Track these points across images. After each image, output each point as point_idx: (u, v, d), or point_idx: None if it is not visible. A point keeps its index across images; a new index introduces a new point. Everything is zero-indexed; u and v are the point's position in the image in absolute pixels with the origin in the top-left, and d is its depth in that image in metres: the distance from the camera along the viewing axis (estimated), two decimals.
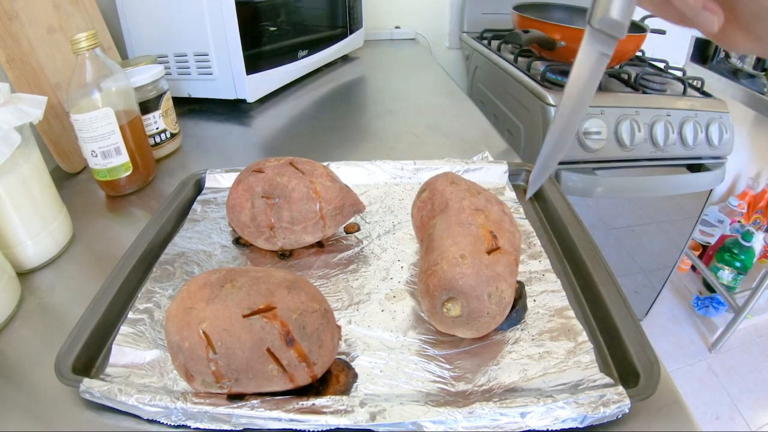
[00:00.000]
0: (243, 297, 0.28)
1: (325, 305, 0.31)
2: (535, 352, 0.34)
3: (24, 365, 0.35)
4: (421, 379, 0.32)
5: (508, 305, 0.33)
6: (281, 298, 0.28)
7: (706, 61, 1.53)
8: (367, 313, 0.38)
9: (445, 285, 0.32)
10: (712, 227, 1.66)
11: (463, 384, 0.32)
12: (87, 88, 0.51)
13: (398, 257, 0.44)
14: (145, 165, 0.58)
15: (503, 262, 0.33)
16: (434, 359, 0.34)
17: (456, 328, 0.33)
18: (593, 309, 0.38)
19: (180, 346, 0.28)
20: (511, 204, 0.51)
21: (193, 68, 0.79)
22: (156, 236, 0.46)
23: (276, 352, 0.27)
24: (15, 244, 0.43)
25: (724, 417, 1.31)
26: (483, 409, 0.28)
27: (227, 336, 0.27)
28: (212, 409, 0.28)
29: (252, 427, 0.28)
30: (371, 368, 0.33)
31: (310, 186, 0.41)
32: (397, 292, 0.40)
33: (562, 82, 0.93)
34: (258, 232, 0.42)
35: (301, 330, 0.28)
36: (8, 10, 0.55)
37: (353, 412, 0.28)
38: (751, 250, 1.50)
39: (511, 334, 0.36)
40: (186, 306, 0.28)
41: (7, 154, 0.39)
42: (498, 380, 0.32)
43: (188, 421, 0.29)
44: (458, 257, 0.32)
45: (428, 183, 0.41)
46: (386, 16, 1.36)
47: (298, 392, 0.30)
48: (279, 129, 0.77)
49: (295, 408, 0.28)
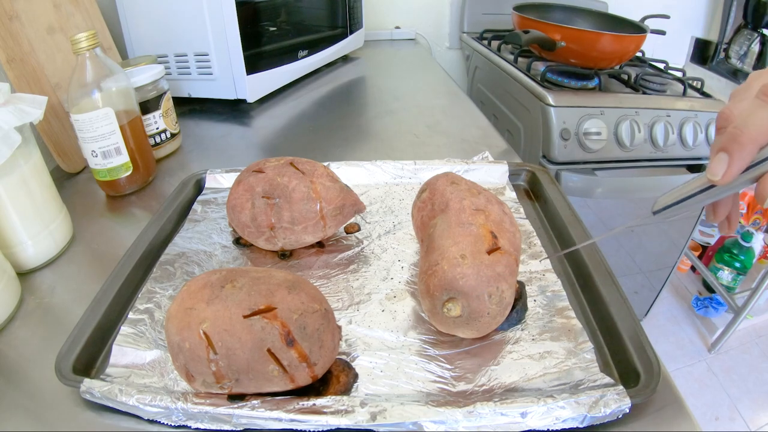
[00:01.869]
0: (243, 297, 0.28)
1: (325, 305, 0.31)
2: (535, 351, 0.34)
3: (24, 365, 0.35)
4: (421, 379, 0.32)
5: (509, 305, 0.33)
6: (282, 298, 0.28)
7: (706, 62, 1.54)
8: (368, 313, 0.38)
9: (446, 285, 0.32)
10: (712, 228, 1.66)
11: (463, 384, 0.32)
12: (87, 88, 0.51)
13: (398, 257, 0.44)
14: (145, 165, 0.58)
15: (504, 262, 0.33)
16: (435, 359, 0.34)
17: (456, 328, 0.33)
18: (593, 309, 0.38)
19: (180, 347, 0.28)
20: (511, 204, 0.51)
21: (193, 68, 0.79)
22: (156, 236, 0.46)
23: (277, 353, 0.27)
24: (15, 244, 0.43)
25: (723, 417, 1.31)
26: (483, 409, 0.28)
27: (228, 336, 0.27)
28: (213, 409, 0.28)
29: (252, 427, 0.28)
30: (372, 368, 0.33)
31: (311, 186, 0.41)
32: (397, 292, 0.40)
33: (561, 83, 0.93)
34: (258, 233, 0.42)
35: (301, 330, 0.28)
36: (8, 10, 0.55)
37: (354, 412, 0.28)
38: (750, 251, 1.50)
39: (511, 334, 0.35)
40: (186, 306, 0.28)
41: (8, 154, 0.39)
42: (499, 380, 0.32)
43: (189, 421, 0.29)
44: (458, 257, 0.32)
45: (428, 183, 0.41)
46: (386, 16, 1.36)
47: (299, 392, 0.30)
48: (279, 129, 0.77)
49: (295, 408, 0.28)
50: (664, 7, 1.12)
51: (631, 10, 1.11)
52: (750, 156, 0.25)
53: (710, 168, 0.26)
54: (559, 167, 0.90)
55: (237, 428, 0.28)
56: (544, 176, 0.54)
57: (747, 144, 0.25)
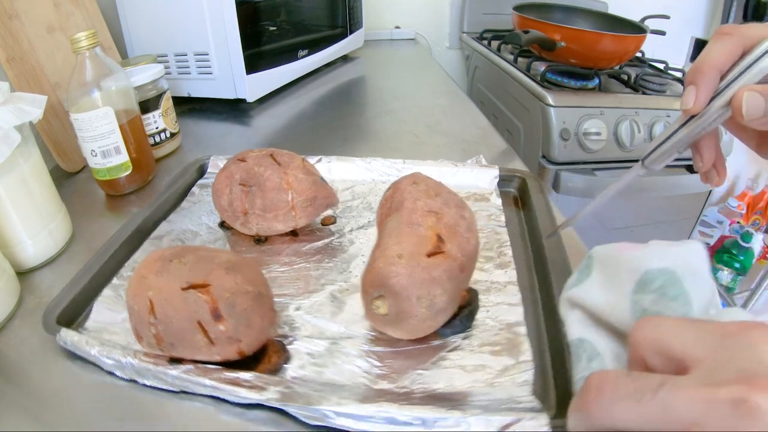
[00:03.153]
0: (185, 272, 0.31)
1: (260, 289, 0.32)
2: (469, 363, 0.33)
3: (23, 365, 0.35)
4: (347, 372, 0.33)
5: (442, 311, 0.32)
6: (217, 276, 0.31)
7: None
8: (317, 302, 0.39)
9: (377, 282, 0.32)
10: (712, 228, 1.67)
11: (386, 383, 0.32)
12: (87, 87, 0.51)
13: (363, 252, 0.44)
14: (145, 164, 0.58)
15: (443, 267, 0.32)
16: (367, 355, 0.34)
17: (386, 326, 0.33)
18: (549, 328, 0.35)
19: (132, 309, 0.31)
20: (494, 211, 0.49)
21: (193, 68, 0.79)
22: (153, 214, 0.48)
23: (205, 325, 0.30)
24: (14, 244, 0.43)
25: None
26: (388, 410, 0.27)
27: (167, 305, 0.30)
28: (154, 367, 0.31)
29: (185, 389, 0.31)
30: (305, 354, 0.34)
31: (284, 177, 0.44)
32: (350, 286, 0.40)
33: (561, 83, 0.93)
34: (234, 217, 0.45)
35: (230, 308, 0.30)
36: (8, 9, 0.55)
37: (266, 390, 0.29)
38: (750, 251, 1.51)
39: (453, 341, 0.34)
40: (141, 275, 0.32)
41: (7, 153, 0.39)
42: (423, 385, 0.31)
43: (136, 376, 0.32)
44: (395, 256, 0.32)
45: (395, 182, 0.41)
46: (386, 16, 1.36)
47: (233, 365, 0.31)
48: (279, 129, 0.77)
49: (219, 378, 0.30)
50: (664, 7, 1.12)
51: (631, 10, 1.10)
52: (713, 81, 0.28)
53: (682, 100, 0.29)
54: (559, 167, 0.90)
55: (174, 388, 0.31)
56: (534, 184, 0.52)
57: (708, 71, 0.28)
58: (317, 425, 0.29)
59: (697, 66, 0.28)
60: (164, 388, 0.32)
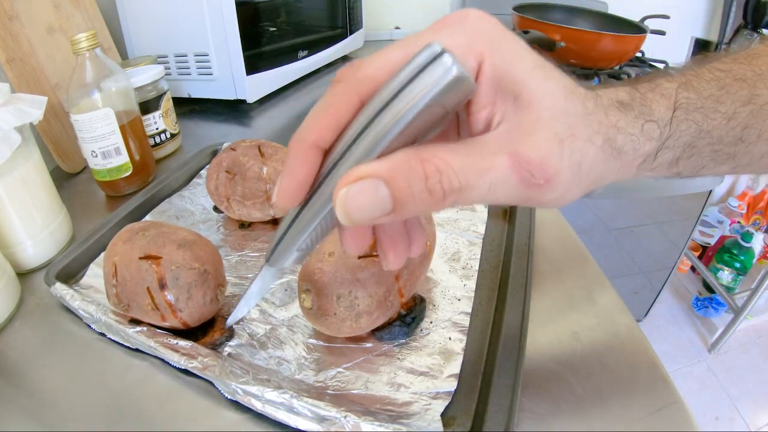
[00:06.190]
0: (144, 244, 0.35)
1: (207, 267, 0.35)
2: (391, 371, 0.32)
3: (24, 365, 0.35)
4: (276, 356, 0.34)
5: (366, 314, 0.32)
6: (169, 251, 0.34)
7: None
8: (272, 289, 0.40)
9: (306, 276, 0.33)
10: (712, 228, 1.67)
11: (304, 374, 0.33)
12: (87, 88, 0.51)
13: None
14: (145, 165, 0.58)
15: (371, 271, 0.32)
16: (300, 344, 0.35)
17: (311, 320, 0.34)
18: (491, 349, 0.34)
19: (104, 271, 0.36)
20: (476, 222, 0.47)
21: (193, 68, 0.79)
22: (161, 190, 0.53)
23: (152, 293, 0.33)
24: (15, 244, 0.43)
25: (723, 417, 1.31)
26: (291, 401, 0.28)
27: (125, 270, 0.34)
28: (116, 324, 0.35)
29: (138, 347, 0.35)
30: (246, 334, 0.36)
31: (264, 168, 0.46)
32: None
33: None
34: (219, 201, 0.48)
35: (174, 280, 0.33)
36: (8, 10, 0.55)
37: (195, 359, 0.32)
38: (750, 251, 1.51)
39: (384, 346, 0.34)
40: (114, 242, 0.36)
41: (7, 154, 0.39)
42: (339, 384, 0.32)
43: (105, 330, 0.36)
44: (326, 254, 0.33)
45: None
46: (386, 17, 1.36)
47: (182, 334, 0.35)
48: (279, 129, 0.77)
49: (161, 342, 0.34)
50: (664, 7, 1.12)
51: (631, 10, 1.11)
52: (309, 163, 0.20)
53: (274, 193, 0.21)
54: None
55: (131, 345, 0.35)
56: None
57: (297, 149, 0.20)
58: (232, 399, 0.31)
59: (291, 142, 0.20)
60: (125, 345, 0.35)
